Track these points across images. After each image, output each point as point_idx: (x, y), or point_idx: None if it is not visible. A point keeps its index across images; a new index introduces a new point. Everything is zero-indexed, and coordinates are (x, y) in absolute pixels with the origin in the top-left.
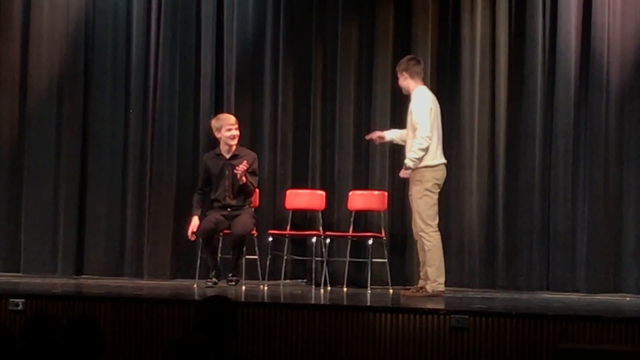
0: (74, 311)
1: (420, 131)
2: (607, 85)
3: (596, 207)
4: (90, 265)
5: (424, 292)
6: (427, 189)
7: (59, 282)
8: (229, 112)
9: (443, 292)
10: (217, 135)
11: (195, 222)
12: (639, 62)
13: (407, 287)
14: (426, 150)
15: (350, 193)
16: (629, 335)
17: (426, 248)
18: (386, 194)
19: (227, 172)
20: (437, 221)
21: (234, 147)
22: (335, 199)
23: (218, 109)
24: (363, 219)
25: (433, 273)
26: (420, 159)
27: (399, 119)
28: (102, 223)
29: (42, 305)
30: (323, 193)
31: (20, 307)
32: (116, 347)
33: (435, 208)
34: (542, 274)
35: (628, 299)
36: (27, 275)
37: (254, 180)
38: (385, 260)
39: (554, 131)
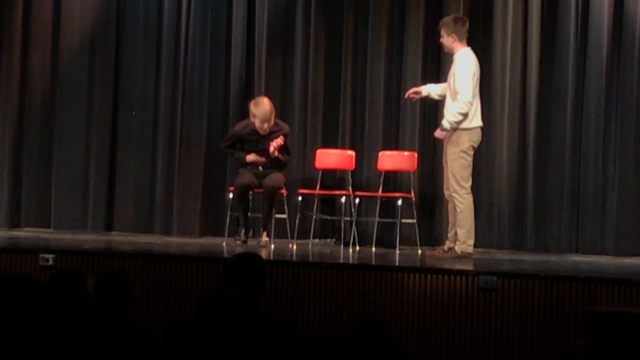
0: (103, 267)
1: (462, 95)
2: (639, 48)
3: (627, 170)
4: (120, 222)
5: (453, 253)
6: (462, 151)
7: (89, 238)
8: (257, 98)
9: (472, 253)
10: (252, 119)
11: (251, 157)
12: None
13: (434, 247)
14: (465, 115)
15: (380, 153)
16: None
17: (458, 210)
18: (416, 154)
19: (260, 146)
20: (470, 183)
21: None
22: (365, 159)
23: (249, 67)
24: (392, 179)
25: (463, 235)
26: (458, 123)
27: (430, 80)
28: (132, 180)
29: (72, 261)
30: (353, 153)
31: (50, 263)
32: (145, 304)
33: (470, 170)
34: (572, 236)
35: None
36: (58, 231)
37: (285, 157)
38: (414, 220)
39: (586, 94)
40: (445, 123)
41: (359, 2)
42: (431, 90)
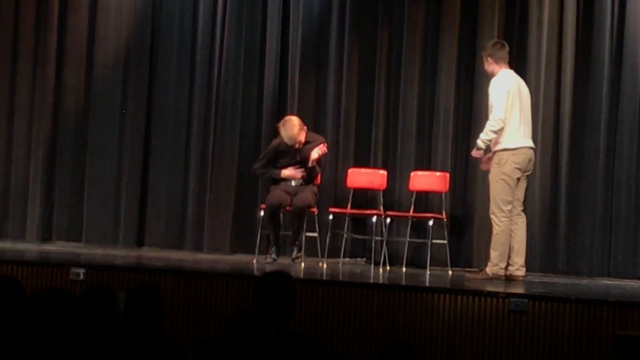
0: (133, 283)
1: (494, 113)
2: None
3: None
4: (151, 237)
5: (484, 275)
6: (504, 173)
7: (120, 254)
8: (285, 119)
9: (502, 276)
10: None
11: (287, 171)
12: None
13: (467, 269)
14: (498, 132)
15: (412, 173)
16: None
17: (494, 232)
18: (448, 175)
19: (298, 158)
20: (510, 207)
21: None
22: (397, 178)
23: (282, 86)
24: (424, 199)
25: (496, 257)
26: (491, 141)
27: (463, 100)
28: (163, 196)
29: (103, 276)
30: (385, 172)
31: (81, 277)
32: (175, 320)
33: (511, 194)
34: (604, 259)
35: None
36: (89, 245)
37: (319, 167)
38: (445, 241)
39: (619, 117)
40: (478, 141)
41: (393, 22)
42: None
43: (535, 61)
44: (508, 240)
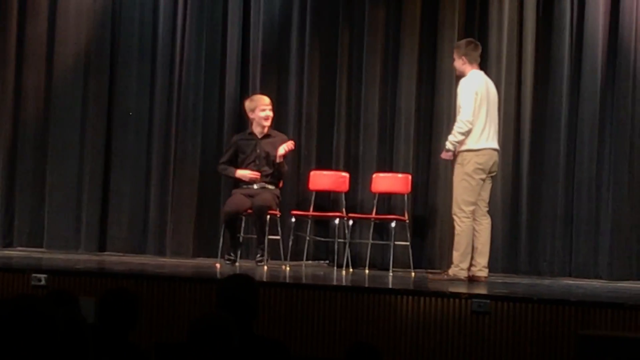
0: (95, 288)
1: (462, 114)
2: (634, 72)
3: (620, 194)
4: (113, 242)
5: (445, 276)
6: (466, 173)
7: (82, 258)
8: (256, 93)
9: (466, 277)
10: (251, 115)
11: (243, 171)
12: None
13: (429, 270)
14: (466, 134)
15: (374, 175)
16: None
17: (455, 232)
18: (410, 176)
19: (258, 151)
20: (472, 208)
21: (266, 128)
22: (359, 180)
23: (243, 88)
24: (386, 201)
25: (457, 258)
26: (460, 142)
27: (424, 102)
28: (125, 200)
29: (64, 281)
30: (347, 175)
31: (42, 282)
32: (138, 325)
33: (474, 194)
34: (565, 259)
35: None
36: (51, 250)
37: (286, 166)
38: (408, 243)
39: (580, 117)
40: (447, 143)
41: (354, 24)
42: None
43: (495, 62)
44: (470, 240)
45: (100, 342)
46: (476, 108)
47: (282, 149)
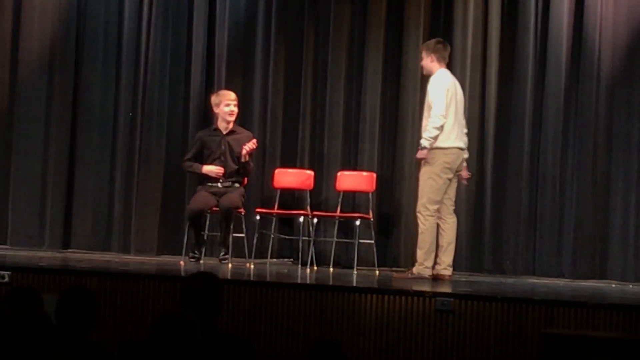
0: (59, 285)
1: (435, 110)
2: (597, 72)
3: (584, 193)
4: (78, 239)
5: (410, 274)
6: (434, 172)
7: (46, 255)
8: (221, 89)
9: (430, 276)
10: (216, 110)
11: (209, 167)
12: (630, 49)
13: (394, 269)
14: (440, 128)
15: (339, 173)
16: (613, 322)
17: (419, 230)
18: (375, 175)
19: (223, 147)
20: (436, 207)
21: (231, 124)
22: (324, 178)
23: (208, 85)
24: (351, 199)
25: (421, 256)
26: (436, 138)
27: (389, 100)
28: (90, 197)
29: (28, 278)
30: (311, 173)
31: (6, 280)
32: (101, 323)
33: (440, 193)
34: (529, 258)
35: (613, 285)
36: (14, 247)
37: (252, 163)
38: (372, 241)
39: (544, 116)
40: (423, 141)
41: (319, 21)
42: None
43: (460, 60)
44: (434, 238)
45: (59, 341)
46: (447, 105)
47: (245, 150)
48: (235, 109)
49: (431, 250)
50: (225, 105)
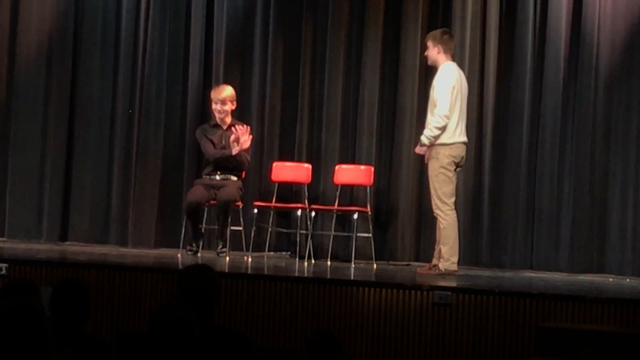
0: (57, 277)
1: (439, 109)
2: (596, 67)
3: (581, 188)
4: (75, 232)
5: (437, 270)
6: (442, 167)
7: (43, 248)
8: (219, 84)
9: (456, 271)
10: (214, 105)
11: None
12: (628, 44)
13: (416, 263)
14: (442, 129)
15: (337, 167)
16: (610, 316)
17: (441, 226)
18: (372, 168)
19: (223, 142)
20: (453, 199)
21: (227, 119)
22: (322, 172)
23: (206, 80)
24: (349, 193)
25: (447, 252)
26: (436, 137)
27: (387, 95)
28: (87, 190)
29: (26, 271)
30: (309, 166)
31: (3, 272)
32: (99, 315)
33: (452, 186)
34: (526, 253)
35: (611, 279)
36: (12, 240)
37: (248, 154)
38: (370, 235)
39: (542, 111)
40: (423, 138)
41: (317, 16)
42: None
43: (458, 55)
44: (456, 232)
45: (54, 333)
46: (452, 103)
47: (233, 137)
48: (222, 108)
49: (455, 244)
50: (214, 103)
